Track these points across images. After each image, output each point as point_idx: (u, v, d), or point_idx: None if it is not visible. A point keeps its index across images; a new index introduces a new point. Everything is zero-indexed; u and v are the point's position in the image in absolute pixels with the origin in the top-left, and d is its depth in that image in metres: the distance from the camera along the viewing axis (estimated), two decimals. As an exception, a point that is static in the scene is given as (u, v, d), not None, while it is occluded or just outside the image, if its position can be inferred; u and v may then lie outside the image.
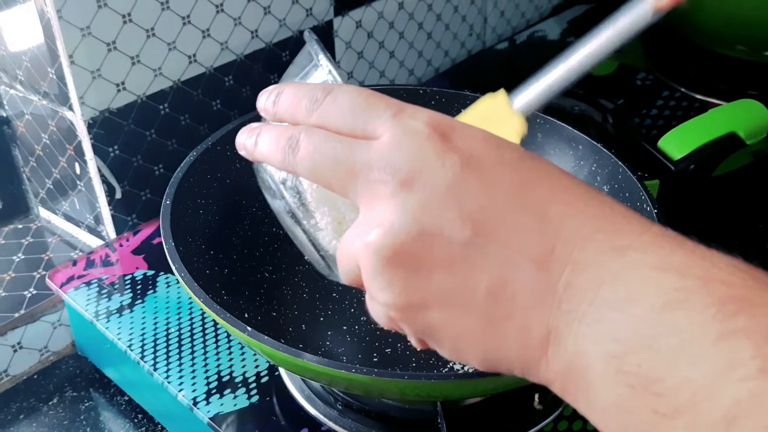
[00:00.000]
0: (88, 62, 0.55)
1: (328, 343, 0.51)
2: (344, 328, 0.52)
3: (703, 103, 0.79)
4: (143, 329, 0.53)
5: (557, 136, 0.57)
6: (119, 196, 0.62)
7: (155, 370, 0.50)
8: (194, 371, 0.50)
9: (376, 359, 0.50)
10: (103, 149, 0.59)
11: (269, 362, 0.51)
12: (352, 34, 0.76)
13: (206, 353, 0.51)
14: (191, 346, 0.52)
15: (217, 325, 0.54)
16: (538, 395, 0.48)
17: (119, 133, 0.60)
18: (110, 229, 0.63)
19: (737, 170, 0.66)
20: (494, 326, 0.29)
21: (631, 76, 0.85)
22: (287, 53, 0.70)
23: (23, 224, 0.68)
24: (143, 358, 0.51)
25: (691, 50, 0.86)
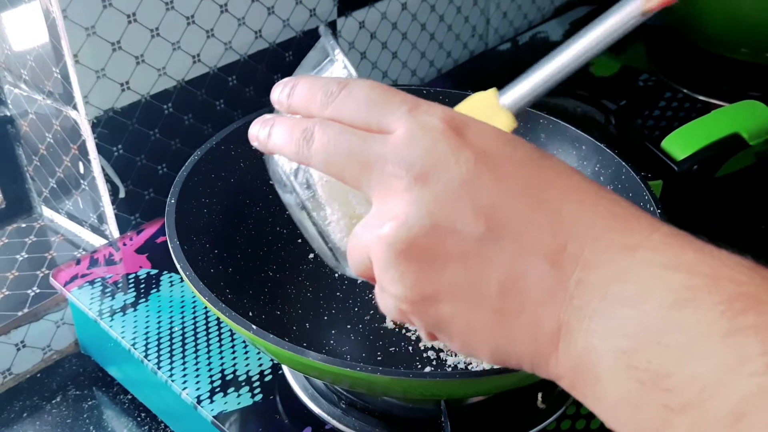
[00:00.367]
0: (92, 62, 0.55)
1: (332, 341, 0.51)
2: (348, 327, 0.53)
3: (705, 104, 0.79)
4: (147, 328, 0.53)
5: (561, 136, 0.57)
6: (123, 195, 0.62)
7: (159, 368, 0.50)
8: (198, 370, 0.50)
9: (380, 358, 0.50)
10: (107, 148, 0.59)
11: (273, 361, 0.51)
12: (355, 34, 0.76)
13: (209, 352, 0.52)
14: (195, 344, 0.52)
15: (220, 323, 0.54)
16: (541, 394, 0.48)
17: (123, 132, 0.60)
18: (113, 228, 0.63)
19: (740, 171, 0.66)
20: (505, 321, 0.29)
21: (633, 77, 0.85)
22: (290, 53, 0.70)
23: (26, 223, 0.68)
24: (147, 356, 0.51)
25: (693, 52, 0.86)
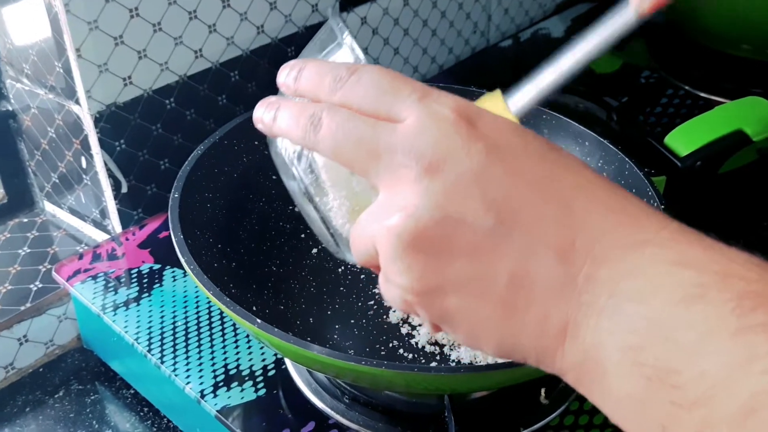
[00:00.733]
0: (95, 56, 0.55)
1: (335, 336, 0.51)
2: (351, 321, 0.53)
3: (707, 101, 0.79)
4: (150, 322, 0.53)
5: (564, 132, 0.57)
6: (125, 190, 0.62)
7: (162, 363, 0.50)
8: (201, 364, 0.50)
9: (383, 352, 0.50)
10: (109, 143, 0.59)
11: (276, 355, 0.51)
12: (357, 30, 0.76)
13: (213, 346, 0.52)
14: (198, 339, 0.52)
15: (223, 318, 0.54)
16: (544, 390, 0.48)
17: (126, 127, 0.60)
18: (116, 223, 0.63)
19: (743, 167, 0.66)
20: (512, 314, 0.28)
21: (635, 74, 0.85)
22: (293, 48, 0.70)
23: (28, 218, 0.68)
24: (150, 351, 0.51)
25: (695, 49, 0.86)
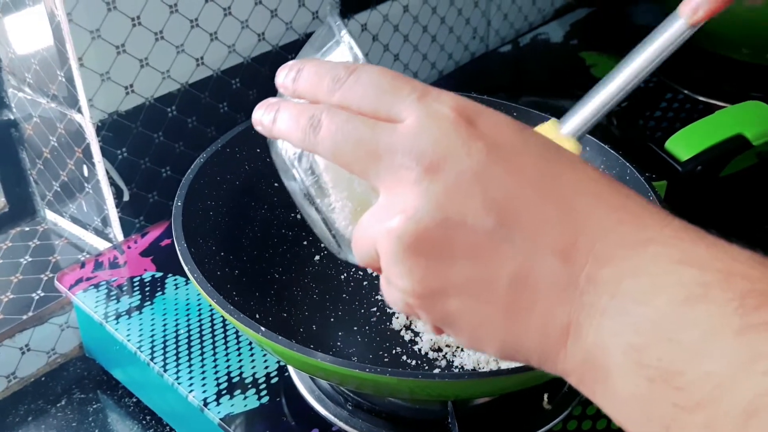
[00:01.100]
0: (97, 65, 0.56)
1: (338, 343, 0.51)
2: (355, 328, 0.53)
3: (706, 105, 0.79)
4: (152, 331, 0.53)
5: (564, 137, 0.57)
6: (127, 198, 0.62)
7: (165, 371, 0.50)
8: (204, 372, 0.50)
9: (386, 359, 0.50)
10: (111, 151, 0.59)
11: (279, 363, 0.51)
12: (357, 36, 0.76)
13: (215, 354, 0.52)
14: (200, 347, 0.52)
15: (226, 326, 0.54)
16: (547, 395, 0.48)
17: (127, 135, 0.60)
18: (118, 231, 0.63)
19: (744, 171, 0.66)
20: (514, 316, 0.28)
21: (634, 78, 0.85)
22: (293, 56, 0.69)
23: (30, 227, 0.68)
24: (153, 359, 0.51)
25: (694, 53, 0.86)
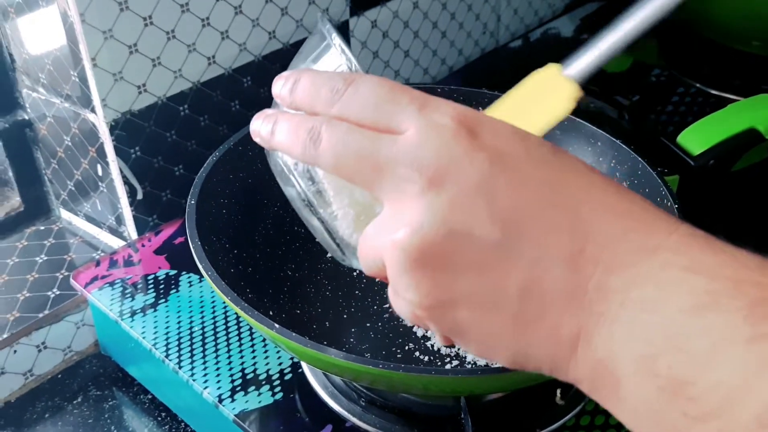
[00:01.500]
0: (110, 64, 0.56)
1: (351, 339, 0.52)
2: (368, 325, 0.53)
3: (718, 98, 0.79)
4: (167, 328, 0.54)
5: (576, 132, 0.57)
6: (140, 196, 0.62)
7: (180, 368, 0.51)
8: (218, 369, 0.51)
9: (399, 355, 0.50)
10: (124, 150, 0.60)
11: (292, 359, 0.51)
12: (367, 33, 0.76)
13: (230, 351, 0.52)
14: (215, 344, 0.53)
15: (239, 322, 0.54)
16: (560, 390, 0.48)
17: (141, 134, 0.60)
18: (132, 229, 0.64)
19: (756, 164, 0.66)
20: (524, 326, 0.28)
21: (645, 72, 0.85)
22: (304, 53, 0.70)
23: (45, 226, 0.69)
24: (168, 356, 0.51)
25: (705, 46, 0.86)
